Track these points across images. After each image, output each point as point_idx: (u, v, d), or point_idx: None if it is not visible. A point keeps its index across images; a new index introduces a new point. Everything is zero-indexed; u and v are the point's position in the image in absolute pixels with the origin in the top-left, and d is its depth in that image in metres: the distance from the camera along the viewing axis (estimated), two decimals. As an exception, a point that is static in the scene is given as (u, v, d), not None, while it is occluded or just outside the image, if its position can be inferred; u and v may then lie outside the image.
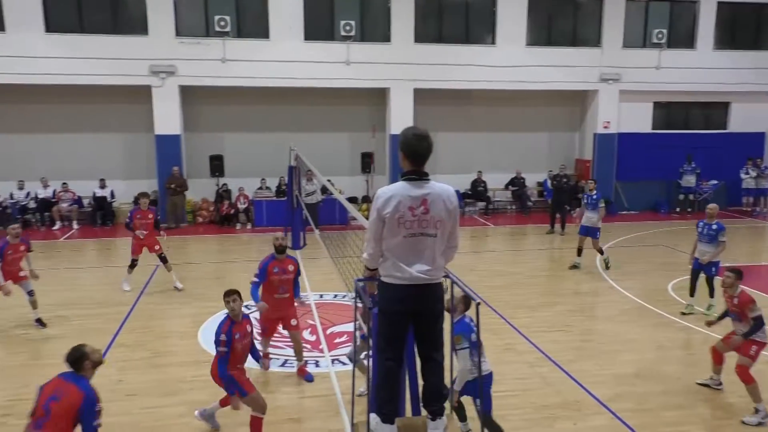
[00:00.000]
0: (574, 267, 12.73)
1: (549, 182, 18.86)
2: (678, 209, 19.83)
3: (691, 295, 10.03)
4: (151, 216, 11.20)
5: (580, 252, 12.80)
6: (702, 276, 9.95)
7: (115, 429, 6.30)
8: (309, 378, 7.56)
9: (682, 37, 19.74)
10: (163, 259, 11.25)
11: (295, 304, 7.67)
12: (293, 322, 7.57)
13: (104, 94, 17.18)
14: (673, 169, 19.79)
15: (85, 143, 17.65)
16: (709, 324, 7.80)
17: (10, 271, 9.20)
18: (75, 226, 16.85)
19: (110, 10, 16.80)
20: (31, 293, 9.34)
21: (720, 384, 7.34)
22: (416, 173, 3.84)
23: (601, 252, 12.79)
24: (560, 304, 10.64)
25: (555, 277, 12.53)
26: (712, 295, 9.85)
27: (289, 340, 7.82)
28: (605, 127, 19.67)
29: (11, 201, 16.74)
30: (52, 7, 16.31)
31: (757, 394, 6.69)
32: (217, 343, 5.89)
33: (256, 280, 7.33)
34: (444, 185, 3.93)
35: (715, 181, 20.05)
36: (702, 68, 19.44)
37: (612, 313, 10.15)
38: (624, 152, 19.89)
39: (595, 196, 12.62)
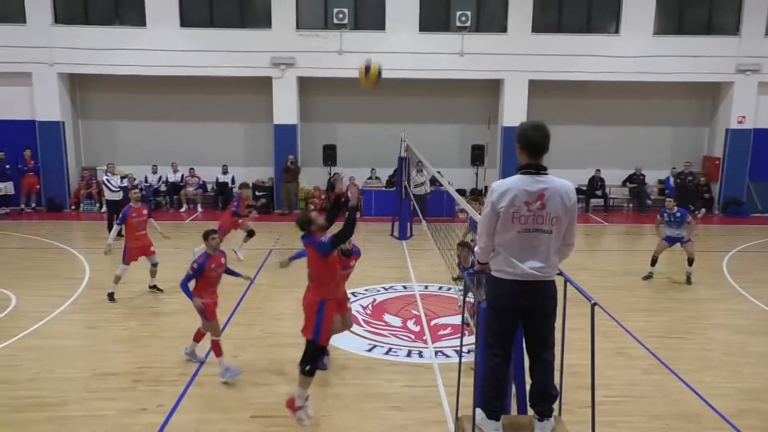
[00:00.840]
0: (649, 277, 11.54)
1: (672, 180, 17.75)
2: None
3: None
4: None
5: (655, 261, 11.54)
6: None
7: (230, 401, 6.71)
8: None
9: (835, 22, 17.76)
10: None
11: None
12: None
13: (229, 85, 18.21)
14: (819, 169, 17.92)
15: (210, 131, 18.83)
16: None
17: (138, 238, 10.04)
18: (199, 209, 18.05)
19: (238, 5, 17.74)
20: (155, 265, 10.33)
21: None
22: (534, 167, 3.75)
23: (691, 262, 11.32)
24: (680, 310, 10.00)
25: (674, 281, 11.76)
26: None
27: (393, 328, 7.93)
28: (739, 122, 18.14)
29: (146, 184, 18.20)
30: (187, 3, 17.47)
31: None
32: (192, 265, 7.37)
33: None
34: (563, 180, 3.81)
35: None
36: None
37: (739, 322, 9.39)
38: (760, 149, 18.25)
39: (678, 214, 11.14)
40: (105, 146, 18.76)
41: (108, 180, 14.43)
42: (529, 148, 3.77)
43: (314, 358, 6.08)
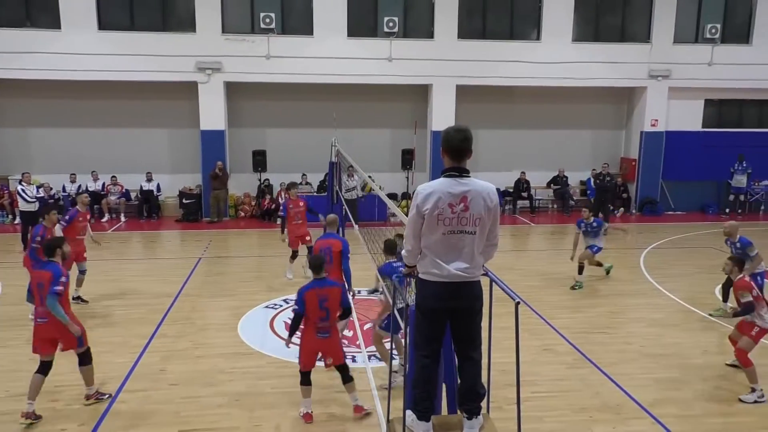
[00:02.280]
0: (576, 287, 11.43)
1: (592, 181, 18.51)
2: (728, 210, 19.18)
3: (724, 300, 9.85)
4: (302, 204, 11.74)
5: (581, 269, 11.58)
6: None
7: (158, 416, 6.48)
8: None
9: (737, 32, 19.05)
10: (309, 250, 10.83)
11: None
12: None
13: (153, 90, 17.64)
14: (724, 168, 19.16)
15: (133, 138, 18.17)
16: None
17: (77, 242, 9.94)
18: (122, 218, 17.37)
19: (160, 8, 17.22)
20: (83, 272, 10.19)
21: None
22: (456, 170, 3.82)
23: (599, 264, 11.82)
24: (601, 306, 10.44)
25: (597, 278, 12.27)
26: (726, 299, 9.68)
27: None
28: (653, 126, 19.17)
29: (64, 193, 17.33)
30: (105, 5, 16.81)
31: (754, 378, 6.99)
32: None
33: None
34: (485, 182, 3.89)
35: (768, 182, 19.35)
36: (757, 64, 18.73)
37: (655, 315, 9.89)
38: (672, 151, 19.33)
39: (594, 224, 11.39)
40: (18, 155, 17.75)
41: (23, 190, 13.80)
42: (451, 151, 3.83)
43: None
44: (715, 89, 19.14)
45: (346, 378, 6.50)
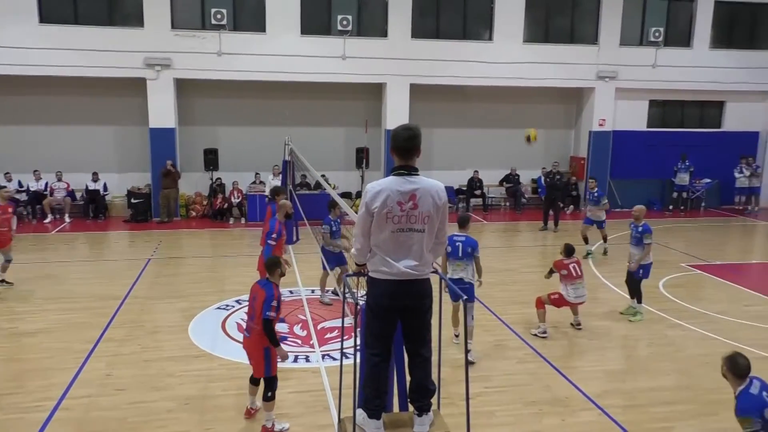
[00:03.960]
0: (588, 255, 13.33)
1: (543, 179, 18.87)
2: (671, 207, 19.86)
3: (632, 297, 9.91)
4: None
5: (586, 240, 13.68)
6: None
7: (104, 423, 6.29)
8: None
9: (679, 35, 19.73)
10: None
11: None
12: None
13: (99, 86, 17.09)
14: (668, 167, 19.81)
15: (78, 136, 17.57)
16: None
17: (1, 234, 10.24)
18: (67, 219, 16.76)
19: (106, 2, 16.69)
20: (9, 261, 10.44)
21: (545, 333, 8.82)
22: (405, 168, 3.83)
23: (605, 239, 13.87)
24: (552, 301, 10.64)
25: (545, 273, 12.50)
26: (639, 300, 9.70)
27: (279, 334, 7.79)
28: (600, 125, 19.67)
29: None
30: (46, -2, 16.20)
31: (542, 318, 8.85)
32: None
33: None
34: (433, 180, 3.92)
35: (709, 180, 20.09)
36: (698, 67, 19.46)
37: (603, 310, 10.16)
38: (618, 150, 19.89)
39: (596, 194, 13.68)
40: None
41: None
42: (399, 150, 3.84)
43: (273, 386, 6.16)
44: (659, 90, 19.78)
45: (264, 395, 6.12)
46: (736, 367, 4.59)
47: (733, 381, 4.64)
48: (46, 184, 16.95)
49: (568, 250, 9.16)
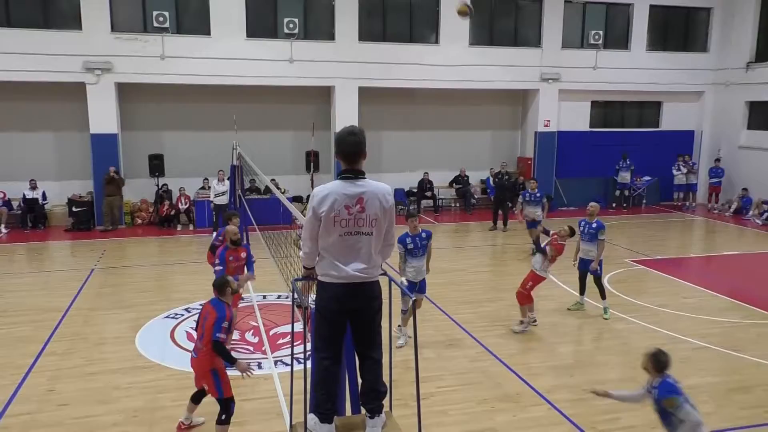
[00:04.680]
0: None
1: (491, 180, 19.18)
2: (614, 205, 20.52)
3: (581, 293, 10.17)
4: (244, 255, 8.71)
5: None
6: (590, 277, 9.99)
7: (45, 440, 6.06)
8: None
9: (618, 38, 20.43)
10: None
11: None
12: None
13: (35, 92, 16.45)
14: (610, 166, 20.46)
15: (14, 142, 16.87)
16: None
17: None
18: (3, 229, 16.04)
19: (40, 4, 16.07)
20: None
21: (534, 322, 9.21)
22: (352, 172, 3.83)
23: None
24: (502, 300, 10.80)
25: (497, 273, 12.76)
26: (603, 296, 9.91)
27: (231, 342, 7.66)
28: (545, 126, 20.16)
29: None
30: (-24, -1, 15.51)
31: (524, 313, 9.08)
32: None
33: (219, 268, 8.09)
34: (380, 183, 3.93)
35: (648, 177, 20.86)
36: (636, 68, 20.18)
37: (552, 306, 10.40)
38: (563, 150, 20.43)
39: (538, 194, 13.59)
40: None
41: None
42: (345, 154, 3.84)
43: (228, 409, 5.91)
44: (599, 91, 20.43)
45: (218, 418, 5.83)
46: (659, 363, 4.91)
47: (654, 375, 4.94)
48: (-20, 193, 16.18)
49: (573, 233, 9.36)
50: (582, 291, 10.18)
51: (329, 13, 17.96)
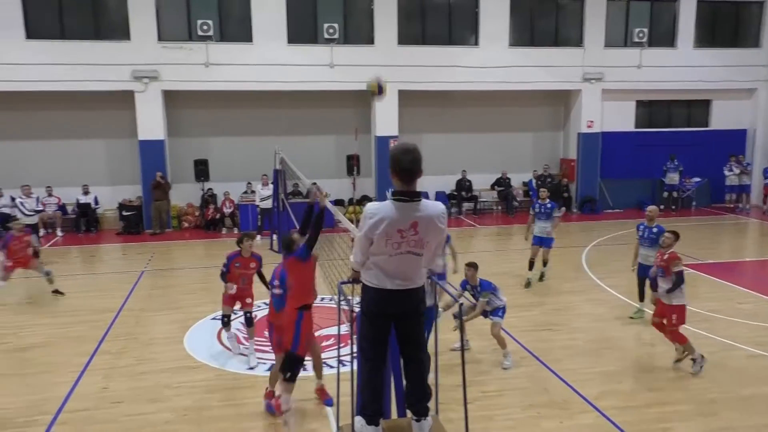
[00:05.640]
0: (528, 285, 11.61)
1: (534, 182, 18.96)
2: (662, 207, 19.91)
3: (641, 300, 9.76)
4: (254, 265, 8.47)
5: (531, 265, 11.72)
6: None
7: (100, 437, 6.26)
8: (329, 403, 6.84)
9: (663, 35, 19.92)
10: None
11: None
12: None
13: (87, 101, 17.05)
14: (657, 167, 19.95)
15: (68, 150, 17.51)
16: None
17: (17, 260, 10.84)
18: (59, 233, 16.67)
19: (92, 16, 16.66)
20: (48, 274, 11.04)
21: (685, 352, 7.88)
22: (407, 194, 3.72)
23: (545, 264, 11.86)
24: (546, 304, 10.69)
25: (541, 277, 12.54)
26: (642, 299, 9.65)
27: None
28: (589, 127, 19.80)
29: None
30: (33, 14, 16.15)
31: (691, 349, 7.62)
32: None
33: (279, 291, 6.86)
34: (435, 204, 3.83)
35: (698, 179, 20.24)
36: (683, 66, 19.64)
37: (598, 311, 10.20)
38: (608, 151, 20.02)
39: (549, 206, 11.55)
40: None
41: (22, 203, 13.98)
42: (400, 173, 3.72)
43: (293, 366, 6.42)
44: (645, 91, 19.95)
45: (284, 374, 6.51)
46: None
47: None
48: (37, 199, 16.77)
49: (678, 235, 8.20)
50: (641, 298, 9.78)
51: (368, 18, 18.07)
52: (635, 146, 20.15)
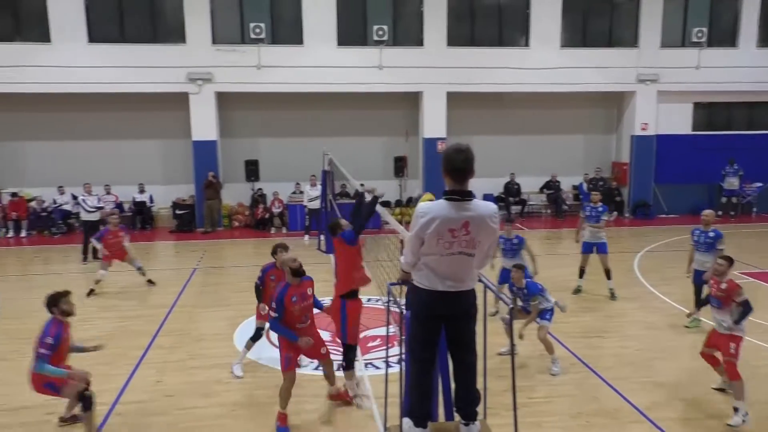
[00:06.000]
0: (578, 291, 11.32)
1: (585, 186, 18.58)
2: (720, 213, 19.19)
3: (697, 307, 8.75)
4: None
5: (582, 272, 11.36)
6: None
7: (154, 428, 6.44)
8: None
9: (724, 35, 19.23)
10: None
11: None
12: (322, 350, 6.74)
13: (143, 102, 17.63)
14: (715, 171, 19.26)
15: (125, 149, 18.16)
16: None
17: (113, 253, 11.59)
18: (116, 230, 17.24)
19: (150, 20, 17.24)
20: (140, 268, 11.82)
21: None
22: (459, 193, 3.72)
23: (609, 274, 11.08)
24: (597, 310, 10.46)
25: (591, 282, 12.25)
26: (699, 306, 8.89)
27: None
28: (643, 129, 19.29)
29: (54, 206, 17.26)
30: (95, 18, 16.82)
31: (740, 392, 6.48)
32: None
33: (274, 315, 6.25)
34: (487, 204, 3.83)
35: (760, 184, 19.45)
36: (745, 67, 18.92)
37: (651, 319, 9.92)
38: (663, 154, 19.45)
39: (600, 209, 11.06)
40: (9, 168, 17.73)
41: (84, 200, 14.43)
42: (453, 173, 3.72)
43: (347, 355, 6.79)
44: (703, 92, 19.30)
45: (341, 365, 6.96)
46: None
47: None
48: (97, 197, 17.38)
49: (732, 261, 7.26)
50: (698, 305, 9.39)
51: (418, 19, 18.07)
52: (692, 150, 19.50)
